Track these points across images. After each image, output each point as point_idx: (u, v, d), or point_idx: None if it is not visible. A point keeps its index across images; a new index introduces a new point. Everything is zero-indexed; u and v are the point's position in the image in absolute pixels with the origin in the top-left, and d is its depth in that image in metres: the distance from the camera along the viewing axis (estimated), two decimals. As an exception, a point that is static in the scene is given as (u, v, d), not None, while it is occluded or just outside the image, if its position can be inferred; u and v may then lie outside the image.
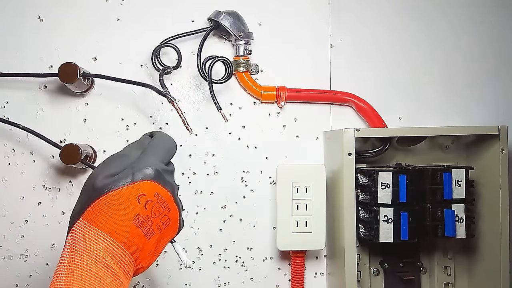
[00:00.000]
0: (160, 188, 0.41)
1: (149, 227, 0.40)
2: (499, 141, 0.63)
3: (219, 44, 0.71)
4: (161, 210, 0.41)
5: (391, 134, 0.66)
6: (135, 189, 0.39)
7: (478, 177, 0.67)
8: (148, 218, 0.40)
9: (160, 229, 0.41)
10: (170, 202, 0.42)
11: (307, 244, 0.66)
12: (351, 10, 0.73)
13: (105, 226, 0.38)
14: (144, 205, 0.39)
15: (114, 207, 0.38)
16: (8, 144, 0.68)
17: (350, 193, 0.61)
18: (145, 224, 0.39)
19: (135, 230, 0.39)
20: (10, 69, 0.67)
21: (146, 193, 0.40)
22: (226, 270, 0.70)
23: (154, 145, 0.45)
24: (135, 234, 0.39)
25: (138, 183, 0.40)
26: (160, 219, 0.41)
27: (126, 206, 0.39)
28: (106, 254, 0.37)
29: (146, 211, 0.39)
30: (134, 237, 0.39)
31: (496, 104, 0.75)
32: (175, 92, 0.70)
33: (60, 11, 0.68)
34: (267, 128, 0.71)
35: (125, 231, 0.38)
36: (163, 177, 0.41)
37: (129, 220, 0.38)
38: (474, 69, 0.75)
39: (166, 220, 0.42)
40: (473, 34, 0.75)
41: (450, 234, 0.62)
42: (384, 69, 0.74)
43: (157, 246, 0.42)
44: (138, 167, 0.40)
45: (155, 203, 0.40)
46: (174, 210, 0.43)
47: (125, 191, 0.39)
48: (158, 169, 0.41)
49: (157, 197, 0.41)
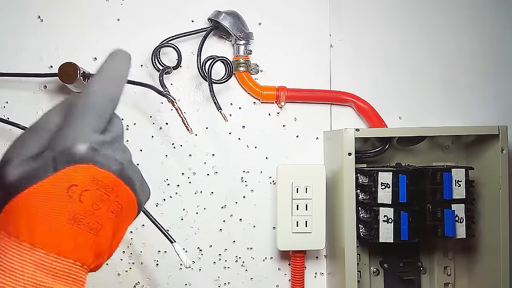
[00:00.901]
0: (97, 170, 0.29)
1: (93, 222, 0.29)
2: (499, 141, 0.63)
3: (219, 44, 0.71)
4: (105, 198, 0.30)
5: (391, 134, 0.66)
6: (62, 180, 0.28)
7: (478, 177, 0.67)
8: (89, 213, 0.29)
9: (110, 219, 0.31)
10: (116, 185, 0.31)
11: (307, 244, 0.66)
12: (351, 10, 0.73)
13: (28, 236, 0.27)
14: (78, 198, 0.29)
15: (36, 210, 0.28)
16: (8, 144, 0.67)
17: (350, 193, 0.61)
18: (86, 220, 0.29)
19: (74, 233, 0.28)
20: (10, 69, 0.67)
21: (78, 182, 0.29)
22: (226, 270, 0.70)
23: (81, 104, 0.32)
24: (75, 237, 0.29)
25: (65, 170, 0.29)
26: (107, 209, 0.30)
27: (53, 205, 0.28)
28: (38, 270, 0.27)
29: (83, 205, 0.29)
30: (75, 241, 0.29)
31: (496, 104, 0.75)
32: (175, 92, 0.70)
33: (60, 11, 0.68)
34: (267, 128, 0.71)
35: (58, 238, 0.28)
36: (100, 153, 0.30)
37: (61, 223, 0.28)
38: (474, 69, 0.75)
39: (116, 207, 0.31)
40: (473, 35, 0.75)
41: (450, 234, 0.62)
42: (384, 69, 0.74)
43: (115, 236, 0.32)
44: (60, 146, 0.29)
45: (93, 192, 0.29)
46: (124, 192, 0.31)
47: (47, 185, 0.28)
48: (91, 144, 0.30)
49: (95, 183, 0.29)
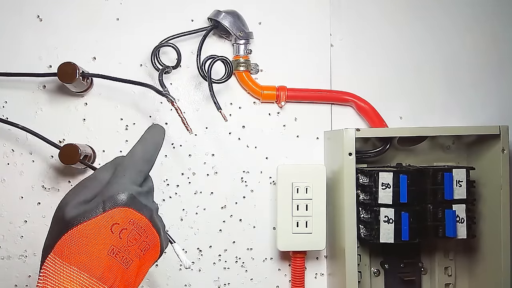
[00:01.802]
0: (134, 213, 0.39)
1: (126, 256, 0.38)
2: (500, 141, 0.63)
3: (219, 43, 0.70)
4: (138, 237, 0.39)
5: (391, 134, 0.66)
6: (107, 219, 0.37)
7: (479, 177, 0.67)
8: (124, 247, 0.37)
9: (139, 257, 0.39)
10: (147, 227, 0.40)
11: (308, 245, 0.66)
12: (351, 9, 0.73)
13: (77, 261, 0.35)
14: (118, 234, 0.37)
15: (86, 240, 0.36)
16: (7, 144, 0.67)
17: (350, 194, 0.61)
18: (122, 254, 0.37)
19: (110, 262, 0.37)
20: (9, 69, 0.67)
21: (120, 221, 0.38)
22: (226, 270, 0.70)
23: (125, 164, 0.42)
24: (111, 266, 0.37)
25: (110, 211, 0.37)
26: (138, 246, 0.39)
27: (99, 238, 0.36)
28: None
29: (121, 240, 0.37)
30: (111, 270, 0.37)
31: (497, 104, 0.75)
32: (175, 92, 0.69)
33: (59, 11, 0.68)
34: (267, 128, 0.71)
35: (99, 265, 0.36)
36: (137, 201, 0.39)
37: (103, 253, 0.36)
38: (475, 69, 0.75)
39: (145, 246, 0.40)
40: (476, 34, 0.75)
41: (451, 235, 0.62)
42: (385, 68, 0.73)
43: (139, 273, 0.40)
44: (108, 193, 0.38)
45: (130, 231, 0.38)
46: (152, 234, 0.40)
47: (96, 222, 0.37)
48: (131, 193, 0.39)
49: (132, 223, 0.38)
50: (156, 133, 0.46)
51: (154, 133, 0.46)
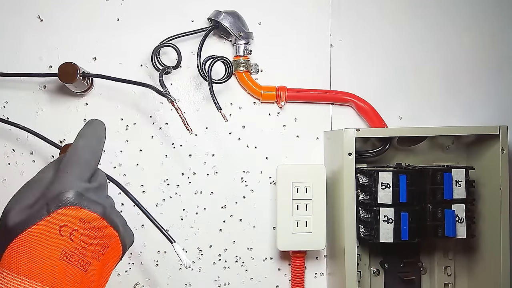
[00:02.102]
0: (84, 212, 0.35)
1: (82, 259, 0.35)
2: (500, 141, 0.63)
3: (219, 44, 0.70)
4: (92, 237, 0.36)
5: (391, 134, 0.66)
6: (54, 221, 0.34)
7: (479, 177, 0.67)
8: (78, 250, 0.35)
9: (97, 258, 0.36)
10: (101, 225, 0.37)
11: (307, 244, 0.66)
12: (351, 9, 0.73)
13: (27, 271, 0.33)
14: (69, 236, 0.34)
15: (34, 247, 0.33)
16: (7, 144, 0.67)
17: (350, 193, 0.61)
18: (76, 257, 0.34)
19: (65, 267, 0.34)
20: (10, 69, 0.67)
21: (68, 222, 0.34)
22: (226, 270, 0.70)
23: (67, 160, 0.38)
24: (66, 271, 0.34)
25: (56, 213, 0.34)
26: (95, 247, 0.36)
27: (48, 243, 0.33)
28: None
29: (73, 243, 0.34)
30: (66, 275, 0.34)
31: (497, 104, 0.75)
32: (175, 92, 0.70)
33: (59, 11, 0.68)
34: (267, 128, 0.71)
35: (52, 271, 0.33)
36: (85, 198, 0.36)
37: (55, 258, 0.33)
38: (475, 69, 0.75)
39: (102, 246, 0.37)
40: (475, 34, 0.75)
41: (451, 234, 0.62)
42: (385, 69, 0.74)
43: (101, 275, 0.37)
44: (51, 194, 0.35)
45: (82, 231, 0.35)
46: (109, 232, 0.38)
47: (42, 226, 0.34)
48: (77, 190, 0.36)
49: (83, 223, 0.35)
50: (96, 126, 0.44)
51: (94, 127, 0.43)
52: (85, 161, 0.39)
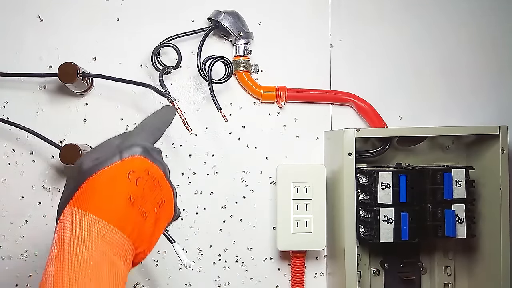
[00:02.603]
0: (150, 164, 0.38)
1: (143, 206, 0.36)
2: (500, 141, 0.63)
3: (219, 44, 0.70)
4: (153, 188, 0.38)
5: (391, 134, 0.66)
6: (124, 166, 0.36)
7: (479, 177, 0.67)
8: (141, 196, 0.36)
9: (155, 209, 0.38)
10: (162, 180, 0.39)
11: (307, 244, 0.66)
12: (351, 9, 0.73)
13: (95, 208, 0.34)
14: (135, 182, 0.36)
15: (104, 187, 0.35)
16: (7, 144, 0.67)
17: (350, 193, 0.61)
18: (139, 203, 0.36)
19: (129, 210, 0.35)
20: (10, 69, 0.67)
21: (136, 169, 0.36)
22: (226, 270, 0.70)
23: (139, 127, 0.43)
24: (130, 214, 0.35)
25: (127, 159, 0.36)
26: (154, 198, 0.38)
27: (117, 184, 0.35)
28: (99, 239, 0.33)
29: (138, 188, 0.36)
30: (129, 218, 0.35)
31: (497, 104, 0.75)
32: (175, 92, 0.70)
33: (59, 11, 0.68)
34: (267, 128, 0.71)
35: (118, 211, 0.34)
36: (152, 154, 0.38)
37: (122, 200, 0.35)
38: (475, 70, 0.75)
39: (160, 199, 0.38)
40: (475, 34, 0.75)
41: (451, 234, 0.62)
42: (385, 68, 0.74)
43: (155, 229, 0.38)
44: (124, 146, 0.37)
45: (146, 180, 0.37)
46: (167, 189, 0.40)
47: (113, 168, 0.35)
48: (146, 146, 0.38)
49: (147, 173, 0.37)
50: (167, 110, 0.48)
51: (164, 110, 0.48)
52: (152, 130, 0.43)
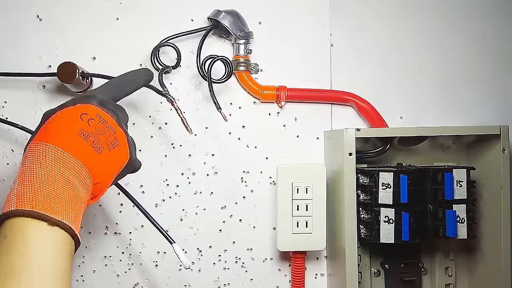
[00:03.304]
0: (101, 111, 0.43)
1: (96, 142, 0.41)
2: (501, 141, 0.63)
3: (218, 43, 0.70)
4: (105, 129, 0.42)
5: (392, 134, 0.66)
6: (77, 109, 0.42)
7: (480, 178, 0.67)
8: (93, 133, 0.41)
9: (109, 147, 0.42)
10: (113, 124, 0.43)
11: (308, 245, 0.66)
12: (351, 9, 0.73)
13: (53, 139, 0.39)
14: (87, 121, 0.41)
15: (60, 123, 0.41)
16: (6, 144, 0.67)
17: (350, 194, 0.61)
18: (91, 138, 0.41)
19: (82, 142, 0.40)
20: (9, 69, 0.67)
21: (88, 112, 0.42)
22: (226, 271, 0.70)
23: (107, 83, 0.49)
24: (83, 145, 0.40)
25: (80, 104, 0.42)
26: (107, 138, 0.42)
27: (70, 121, 0.41)
28: (57, 162, 0.38)
29: (89, 127, 0.41)
30: (83, 149, 0.40)
31: (498, 104, 0.75)
32: (175, 92, 0.69)
33: (59, 11, 0.68)
34: (267, 128, 0.71)
35: (72, 141, 0.40)
36: (104, 105, 0.44)
37: (75, 133, 0.40)
38: (476, 69, 0.75)
39: (113, 140, 0.43)
40: (474, 34, 0.75)
41: (451, 235, 0.62)
42: (385, 68, 0.73)
43: (111, 165, 0.43)
44: (81, 97, 0.44)
45: (97, 122, 0.42)
46: (120, 132, 0.44)
47: (68, 110, 0.42)
48: (100, 98, 0.44)
49: (98, 117, 0.42)
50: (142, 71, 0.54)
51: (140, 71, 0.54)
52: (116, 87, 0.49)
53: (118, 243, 0.69)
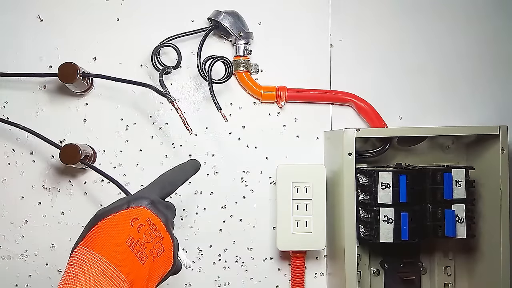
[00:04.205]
0: (152, 215, 0.43)
1: (142, 251, 0.41)
2: (500, 141, 0.63)
3: (219, 44, 0.70)
4: (153, 236, 0.42)
5: (391, 134, 0.66)
6: (129, 214, 0.42)
7: (479, 177, 0.67)
8: (141, 241, 0.41)
9: (153, 256, 0.42)
10: (162, 230, 0.43)
11: (307, 244, 0.66)
12: (351, 9, 0.73)
13: (100, 248, 0.39)
14: (136, 228, 0.41)
15: (109, 230, 0.40)
16: (7, 144, 0.67)
17: (350, 193, 0.61)
18: (138, 247, 0.40)
19: (128, 252, 0.40)
20: (10, 69, 0.67)
21: (139, 217, 0.42)
22: (226, 270, 0.70)
23: (155, 180, 0.49)
24: (128, 256, 0.40)
25: (132, 208, 0.42)
26: (153, 245, 0.42)
27: (120, 228, 0.40)
28: (100, 275, 0.37)
29: (138, 234, 0.41)
30: (127, 259, 0.39)
31: (497, 104, 0.75)
32: (175, 92, 0.70)
33: (60, 11, 0.68)
34: (267, 128, 0.71)
35: (118, 252, 0.39)
36: (156, 207, 0.44)
37: (122, 242, 0.40)
38: (475, 69, 0.75)
39: (159, 248, 0.42)
40: (474, 35, 0.75)
41: (451, 234, 0.62)
42: (385, 69, 0.74)
43: (150, 275, 0.42)
44: (133, 197, 0.44)
45: (147, 228, 0.42)
46: (167, 239, 0.44)
47: (119, 215, 0.41)
48: (152, 199, 0.44)
49: (149, 222, 0.42)
50: (189, 164, 0.54)
51: (187, 164, 0.54)
52: (165, 184, 0.49)
53: (118, 243, 0.69)
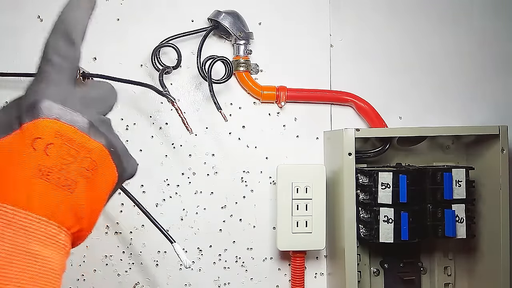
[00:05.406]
0: (60, 124, 0.29)
1: (63, 177, 0.28)
2: (500, 141, 0.63)
3: (219, 44, 0.70)
4: (74, 153, 0.29)
5: (391, 134, 0.66)
6: (24, 134, 0.28)
7: (479, 177, 0.67)
8: (58, 166, 0.28)
9: (85, 177, 0.29)
10: (84, 140, 0.29)
11: (307, 244, 0.66)
12: (351, 10, 0.73)
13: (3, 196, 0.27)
14: (43, 151, 0.28)
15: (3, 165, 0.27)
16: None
17: (350, 193, 0.61)
18: (56, 175, 0.28)
19: (42, 187, 0.27)
20: (10, 69, 0.67)
21: (42, 135, 0.28)
22: (226, 270, 0.70)
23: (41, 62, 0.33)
24: (45, 192, 0.27)
25: (27, 125, 0.28)
26: (79, 165, 0.29)
27: (21, 160, 0.27)
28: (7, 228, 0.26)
29: (49, 158, 0.28)
30: (45, 196, 0.27)
31: (497, 104, 0.75)
32: (175, 92, 0.70)
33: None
34: (267, 128, 0.71)
35: (27, 192, 0.27)
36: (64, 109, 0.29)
37: (27, 175, 0.27)
38: (475, 69, 0.75)
39: (90, 164, 0.30)
40: (474, 35, 0.75)
41: (451, 234, 0.62)
42: (385, 69, 0.74)
43: (93, 199, 0.30)
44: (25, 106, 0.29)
45: (60, 145, 0.28)
46: (96, 147, 0.30)
47: (12, 139, 0.28)
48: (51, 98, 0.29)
49: (60, 136, 0.28)
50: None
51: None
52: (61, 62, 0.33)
53: (118, 243, 0.69)
